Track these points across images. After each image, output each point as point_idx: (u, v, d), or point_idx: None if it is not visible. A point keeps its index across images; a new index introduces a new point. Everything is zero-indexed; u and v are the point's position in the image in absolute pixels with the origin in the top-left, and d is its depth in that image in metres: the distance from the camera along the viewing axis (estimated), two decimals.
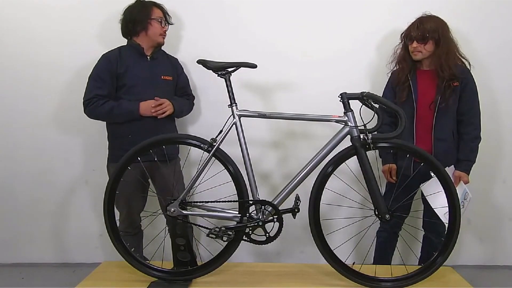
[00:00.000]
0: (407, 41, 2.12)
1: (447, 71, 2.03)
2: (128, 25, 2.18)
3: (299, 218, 1.79)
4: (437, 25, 2.05)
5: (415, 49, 2.07)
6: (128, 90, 2.14)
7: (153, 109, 2.11)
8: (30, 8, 2.50)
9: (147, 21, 2.16)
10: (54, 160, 2.63)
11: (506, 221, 2.66)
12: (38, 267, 2.69)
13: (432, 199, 1.97)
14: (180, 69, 2.38)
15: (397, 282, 1.78)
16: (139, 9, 2.17)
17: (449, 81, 2.03)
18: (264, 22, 2.52)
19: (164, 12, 2.25)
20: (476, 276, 2.46)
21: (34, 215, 2.68)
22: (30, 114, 2.59)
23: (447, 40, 2.06)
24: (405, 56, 2.15)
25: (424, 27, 2.04)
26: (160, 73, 2.23)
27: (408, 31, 2.11)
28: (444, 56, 2.04)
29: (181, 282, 1.79)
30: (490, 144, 2.56)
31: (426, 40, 2.04)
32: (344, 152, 1.78)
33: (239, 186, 1.79)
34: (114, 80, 2.13)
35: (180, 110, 2.27)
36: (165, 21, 2.24)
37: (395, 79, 2.19)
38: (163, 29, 2.22)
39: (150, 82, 2.17)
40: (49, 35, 2.51)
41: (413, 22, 2.11)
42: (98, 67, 2.13)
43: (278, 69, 2.51)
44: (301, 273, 1.90)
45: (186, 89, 2.39)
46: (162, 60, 2.28)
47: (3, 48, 2.54)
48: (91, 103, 2.10)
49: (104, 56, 2.17)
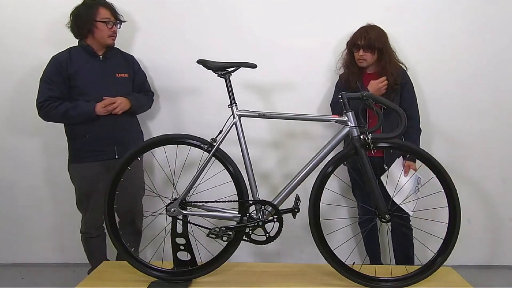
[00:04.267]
0: (353, 49, 2.24)
1: (392, 77, 2.19)
2: (74, 28, 2.15)
3: (299, 218, 1.79)
4: (381, 35, 2.21)
5: (361, 57, 2.21)
6: (81, 91, 2.13)
7: (104, 109, 2.10)
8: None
9: (92, 23, 2.11)
10: (54, 159, 2.62)
11: (506, 221, 2.66)
12: (38, 267, 2.70)
13: (391, 190, 2.06)
14: (136, 66, 2.37)
15: (397, 282, 1.78)
16: (83, 10, 2.12)
17: (394, 84, 2.20)
18: (264, 22, 2.52)
19: (112, 11, 2.17)
20: (476, 276, 2.45)
21: (34, 215, 2.69)
22: (29, 113, 2.58)
23: (388, 49, 2.24)
24: (352, 62, 2.28)
25: (370, 36, 2.18)
26: (115, 71, 2.22)
27: (354, 39, 2.24)
28: (388, 64, 2.20)
29: (181, 282, 1.79)
30: (490, 144, 2.57)
31: (372, 49, 2.18)
32: (344, 152, 1.79)
33: (239, 186, 1.79)
34: (66, 82, 2.12)
35: (138, 105, 2.27)
36: (114, 21, 2.17)
37: (344, 83, 2.30)
38: (111, 30, 2.16)
39: (104, 81, 2.17)
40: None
41: (358, 31, 2.24)
42: (48, 70, 2.12)
43: (278, 69, 2.51)
44: (301, 273, 1.90)
45: (144, 85, 2.39)
46: (116, 58, 2.26)
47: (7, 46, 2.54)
48: (44, 105, 2.09)
49: (53, 58, 2.15)
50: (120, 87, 2.21)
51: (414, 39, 2.46)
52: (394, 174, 2.12)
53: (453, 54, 2.50)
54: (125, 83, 2.26)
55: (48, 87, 2.09)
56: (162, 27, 2.52)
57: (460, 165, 2.54)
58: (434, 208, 1.96)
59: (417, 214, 2.12)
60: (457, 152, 2.56)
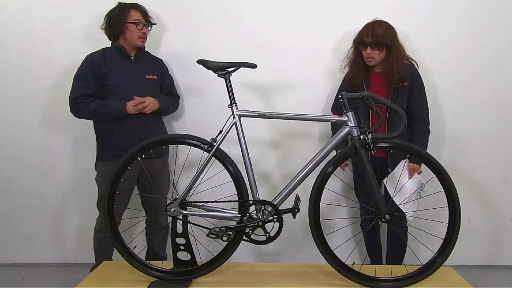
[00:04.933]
0: (360, 47, 2.15)
1: (397, 76, 2.10)
2: (107, 29, 2.23)
3: (299, 218, 1.79)
4: (388, 31, 2.11)
5: (368, 55, 2.12)
6: (113, 90, 2.18)
7: (134, 108, 2.14)
8: (27, 7, 2.51)
9: (124, 25, 2.19)
10: (54, 159, 2.63)
11: (506, 221, 2.66)
12: (38, 267, 2.69)
13: (392, 190, 2.04)
14: (165, 69, 2.43)
15: (397, 282, 1.78)
16: (116, 12, 2.21)
17: (398, 83, 2.12)
18: (264, 22, 2.52)
19: (144, 13, 2.25)
20: (476, 276, 2.45)
21: (34, 215, 2.69)
22: (29, 113, 2.60)
23: (397, 45, 2.13)
24: (358, 61, 2.19)
25: (377, 33, 2.08)
26: (145, 73, 2.27)
27: (360, 36, 2.14)
28: (394, 61, 2.11)
29: (181, 282, 1.79)
30: (490, 144, 2.57)
31: (380, 47, 2.09)
32: (344, 152, 1.79)
33: (239, 186, 1.79)
34: (99, 80, 2.17)
35: (165, 106, 2.32)
36: (144, 23, 2.24)
37: (349, 83, 2.22)
38: (141, 32, 2.22)
39: (135, 82, 2.22)
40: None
41: (365, 28, 2.14)
42: (82, 68, 2.18)
43: (278, 69, 2.52)
44: (301, 273, 1.90)
45: (171, 88, 2.44)
46: (146, 60, 2.33)
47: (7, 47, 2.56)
48: (77, 102, 2.14)
49: (88, 56, 2.21)
50: (149, 88, 2.26)
51: (414, 39, 2.46)
52: (397, 175, 2.09)
53: (453, 54, 2.50)
54: (154, 85, 2.31)
55: (81, 84, 2.15)
56: (162, 27, 2.51)
57: (460, 165, 2.54)
58: (434, 208, 1.96)
59: (417, 214, 2.12)
60: (457, 152, 2.56)
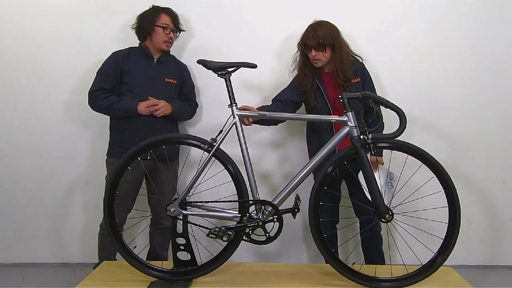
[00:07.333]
0: (304, 50, 2.13)
1: (341, 76, 2.09)
2: (137, 29, 2.27)
3: (299, 218, 1.79)
4: (329, 31, 2.09)
5: (314, 57, 2.10)
6: (129, 88, 2.20)
7: (146, 109, 2.15)
8: (34, 8, 2.53)
9: (152, 27, 2.22)
10: (54, 159, 2.63)
11: (506, 221, 2.66)
12: (38, 267, 2.69)
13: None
14: (187, 74, 2.42)
15: (397, 282, 1.78)
16: (147, 14, 2.25)
17: (348, 81, 2.09)
18: (264, 22, 2.52)
19: (173, 19, 2.27)
20: (476, 276, 2.46)
21: (34, 215, 2.69)
22: (29, 114, 2.61)
23: (340, 44, 2.11)
24: (306, 63, 2.17)
25: (318, 34, 2.06)
26: (164, 76, 2.28)
27: (303, 40, 2.13)
28: (338, 62, 2.09)
29: (181, 282, 1.79)
30: (490, 144, 2.57)
31: (323, 48, 2.07)
32: (344, 152, 1.78)
33: (239, 186, 1.79)
34: (118, 77, 2.21)
35: (179, 112, 2.30)
36: (172, 28, 2.26)
37: (299, 85, 2.19)
38: (168, 36, 2.25)
39: (152, 83, 2.23)
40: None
41: (306, 31, 2.13)
42: (106, 63, 2.24)
43: (278, 69, 2.51)
44: (301, 273, 1.90)
45: (190, 94, 2.43)
46: (168, 64, 2.33)
47: (8, 48, 2.58)
48: (94, 95, 2.19)
49: (113, 53, 2.27)
50: (166, 91, 2.27)
51: (414, 39, 2.47)
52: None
53: (453, 54, 2.50)
54: (172, 89, 2.31)
55: (102, 79, 2.21)
56: None
57: (460, 165, 2.54)
58: (434, 208, 1.95)
59: (417, 214, 2.11)
60: (457, 152, 2.56)
